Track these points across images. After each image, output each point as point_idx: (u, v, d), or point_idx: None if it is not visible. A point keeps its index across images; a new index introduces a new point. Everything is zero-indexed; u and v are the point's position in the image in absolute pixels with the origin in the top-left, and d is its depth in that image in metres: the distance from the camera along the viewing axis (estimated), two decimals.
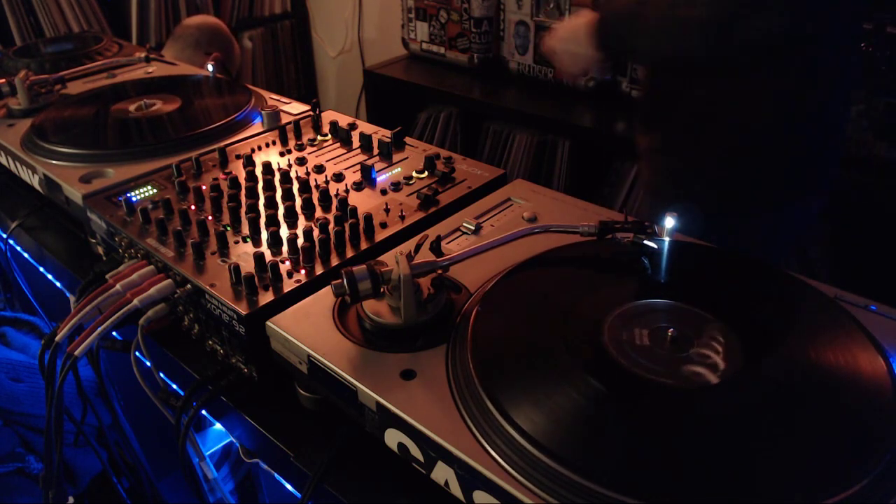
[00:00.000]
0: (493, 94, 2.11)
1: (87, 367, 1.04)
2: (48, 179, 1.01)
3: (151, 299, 0.79)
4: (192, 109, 1.18)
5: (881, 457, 0.49)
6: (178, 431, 0.77)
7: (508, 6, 2.04)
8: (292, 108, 1.20)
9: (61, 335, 0.80)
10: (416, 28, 2.29)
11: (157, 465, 1.25)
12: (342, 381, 0.62)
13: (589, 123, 1.88)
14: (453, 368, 0.61)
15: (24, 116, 1.20)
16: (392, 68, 2.33)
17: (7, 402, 1.23)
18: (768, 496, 0.48)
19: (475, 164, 0.98)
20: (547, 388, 0.56)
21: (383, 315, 0.66)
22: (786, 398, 0.55)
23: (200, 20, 2.14)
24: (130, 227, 0.86)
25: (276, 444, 0.71)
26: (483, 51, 2.16)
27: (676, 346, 0.60)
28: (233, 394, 0.76)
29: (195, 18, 2.15)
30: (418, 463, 0.58)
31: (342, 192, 0.92)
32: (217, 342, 0.78)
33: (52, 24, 2.47)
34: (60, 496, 0.86)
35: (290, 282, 0.75)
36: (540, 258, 0.74)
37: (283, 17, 3.12)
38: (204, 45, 2.02)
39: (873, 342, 0.60)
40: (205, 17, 2.25)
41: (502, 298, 0.68)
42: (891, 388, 0.55)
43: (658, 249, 0.71)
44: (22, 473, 1.23)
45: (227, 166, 1.01)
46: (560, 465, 0.50)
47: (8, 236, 1.15)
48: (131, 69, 1.45)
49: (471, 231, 0.82)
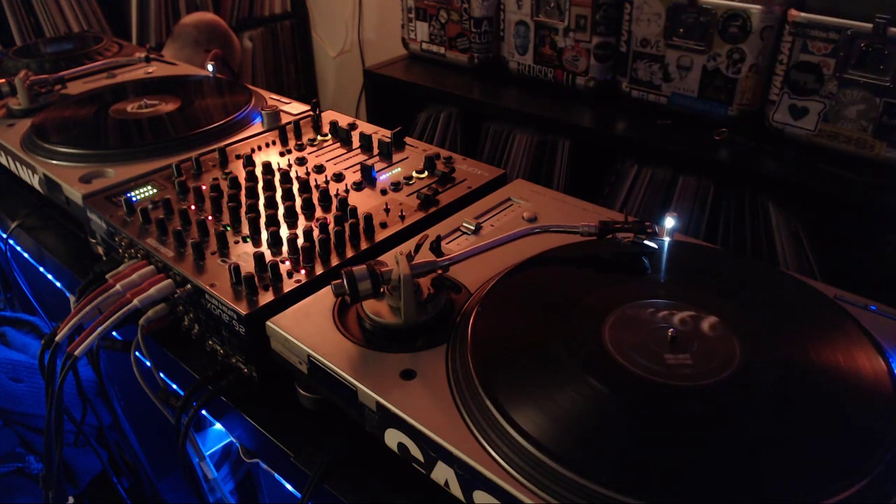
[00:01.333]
0: (493, 94, 2.10)
1: (87, 367, 1.04)
2: (48, 179, 1.01)
3: (151, 299, 0.79)
4: (192, 109, 1.18)
5: (881, 457, 0.49)
6: (178, 431, 0.77)
7: (508, 6, 2.04)
8: (292, 108, 1.20)
9: (61, 335, 0.80)
10: (416, 28, 2.29)
11: (157, 465, 1.25)
12: (342, 381, 0.62)
13: (589, 123, 1.88)
14: (453, 368, 0.61)
15: (24, 116, 1.20)
16: (392, 68, 2.33)
17: (7, 402, 1.23)
18: (768, 496, 0.48)
19: (475, 164, 0.98)
20: (547, 388, 0.56)
21: (383, 315, 0.66)
22: (786, 398, 0.55)
23: (197, 18, 2.12)
24: (130, 227, 0.86)
25: (276, 444, 0.71)
26: (483, 51, 2.16)
27: (676, 346, 0.60)
28: (233, 394, 0.76)
29: (192, 17, 2.14)
30: (418, 463, 0.58)
31: (342, 192, 0.92)
32: (217, 342, 0.78)
33: (52, 24, 2.47)
34: (60, 496, 0.86)
35: (290, 282, 0.75)
36: (540, 258, 0.74)
37: (283, 17, 3.12)
38: (203, 43, 2.01)
39: (873, 342, 0.60)
40: (201, 14, 2.22)
41: (502, 298, 0.68)
42: (891, 388, 0.55)
43: (658, 249, 0.71)
44: (22, 473, 1.23)
45: (227, 166, 1.01)
46: (560, 465, 0.50)
47: (8, 236, 1.15)
48: (131, 69, 1.45)
49: (471, 231, 0.82)
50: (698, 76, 1.67)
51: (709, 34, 1.60)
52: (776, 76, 1.54)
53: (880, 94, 1.35)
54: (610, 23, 1.84)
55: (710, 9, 1.58)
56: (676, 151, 1.69)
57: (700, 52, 1.64)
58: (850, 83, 1.38)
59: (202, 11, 2.45)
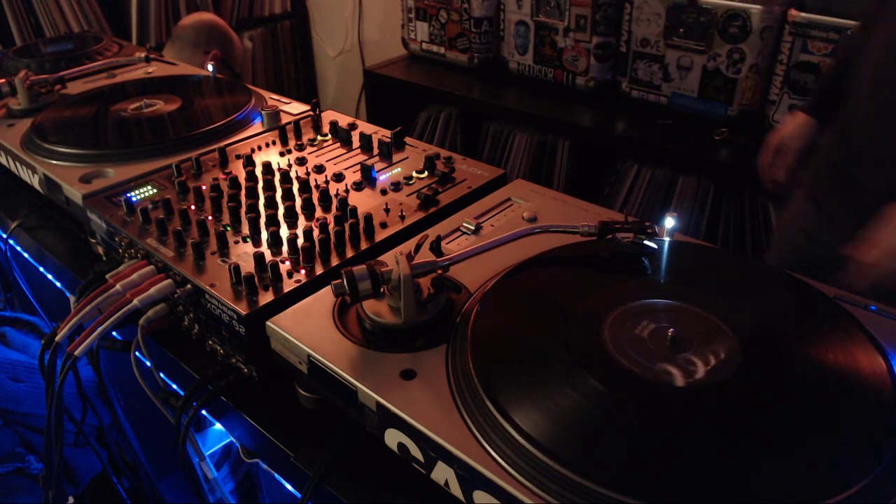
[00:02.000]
0: (493, 94, 2.11)
1: (87, 367, 1.04)
2: (48, 179, 1.01)
3: (151, 299, 0.79)
4: (192, 109, 1.18)
5: (881, 457, 0.49)
6: (178, 431, 0.77)
7: (508, 6, 2.04)
8: (292, 108, 1.20)
9: (61, 335, 0.80)
10: (416, 28, 2.29)
11: (157, 465, 1.25)
12: (342, 381, 0.62)
13: (589, 123, 1.88)
14: (453, 368, 0.61)
15: (24, 116, 1.20)
16: (392, 68, 2.33)
17: (7, 402, 1.23)
18: (768, 496, 0.48)
19: (475, 164, 0.98)
20: (547, 387, 0.56)
21: (383, 315, 0.66)
22: (786, 398, 0.55)
23: (195, 19, 2.10)
24: (130, 227, 0.86)
25: (276, 444, 0.71)
26: (483, 51, 2.16)
27: (676, 346, 0.60)
28: (233, 394, 0.76)
29: (190, 18, 2.12)
30: (418, 463, 0.58)
31: (342, 192, 0.92)
32: (217, 342, 0.78)
33: (52, 24, 2.47)
34: (60, 496, 0.86)
35: (290, 282, 0.75)
36: (540, 258, 0.74)
37: (283, 17, 3.12)
38: (202, 45, 2.00)
39: (873, 342, 0.60)
40: (199, 14, 2.19)
41: (502, 298, 0.68)
42: (891, 388, 0.55)
43: (658, 249, 0.71)
44: (22, 473, 1.23)
45: (227, 166, 1.01)
46: (560, 465, 0.50)
47: (8, 236, 1.15)
48: (131, 69, 1.45)
49: (471, 231, 0.82)
50: (698, 76, 1.67)
51: (709, 34, 1.61)
52: (776, 76, 1.54)
53: None
54: (610, 23, 1.84)
55: (710, 9, 1.58)
56: (676, 151, 1.69)
57: (700, 52, 1.64)
58: None
59: (200, 12, 2.43)
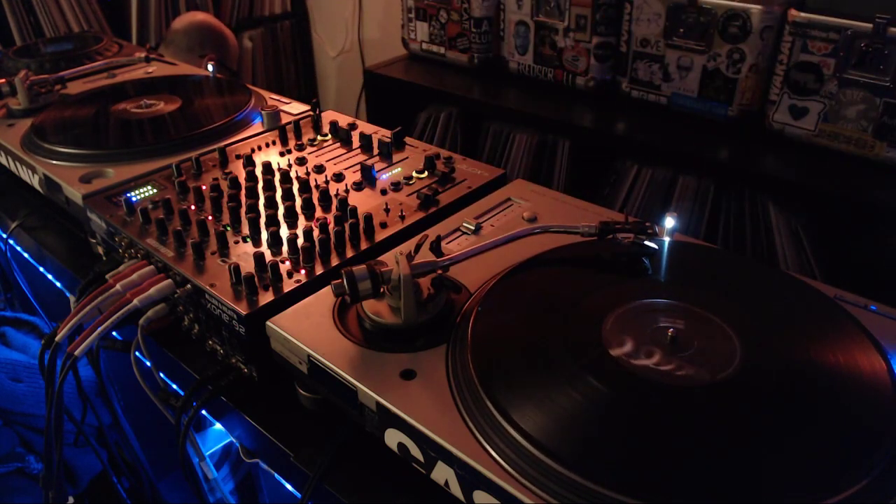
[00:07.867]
0: (493, 94, 2.11)
1: (87, 367, 1.05)
2: (48, 179, 1.01)
3: (151, 299, 0.79)
4: (192, 109, 1.18)
5: (881, 457, 0.49)
6: (178, 431, 0.77)
7: (508, 6, 2.04)
8: (292, 108, 1.20)
9: (61, 335, 0.80)
10: (416, 28, 2.29)
11: (157, 465, 1.25)
12: (342, 382, 0.62)
13: (589, 123, 1.88)
14: (453, 368, 0.61)
15: (24, 116, 1.20)
16: (392, 68, 2.33)
17: (7, 402, 1.23)
18: (768, 496, 0.48)
19: (475, 164, 0.98)
20: (547, 387, 0.56)
21: (383, 315, 0.66)
22: (785, 398, 0.55)
23: (187, 22, 2.05)
24: (130, 227, 0.86)
25: (276, 444, 0.71)
26: (483, 51, 2.16)
27: (676, 346, 0.60)
28: (233, 394, 0.76)
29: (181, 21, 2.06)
30: (418, 463, 0.58)
31: (342, 192, 0.92)
32: (217, 342, 0.78)
33: (52, 24, 2.47)
34: (60, 496, 0.86)
35: (290, 282, 0.75)
36: (540, 258, 0.74)
37: (283, 17, 3.12)
38: (196, 49, 1.98)
39: (873, 342, 0.60)
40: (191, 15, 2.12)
41: (502, 298, 0.68)
42: (891, 388, 0.55)
43: (658, 250, 0.71)
44: (22, 473, 1.23)
45: (227, 166, 1.01)
46: (560, 465, 0.50)
47: (8, 236, 1.15)
48: (131, 69, 1.45)
49: (471, 231, 0.82)
50: (698, 76, 1.67)
51: (709, 34, 1.61)
52: (776, 76, 1.54)
53: (880, 94, 1.35)
54: (610, 23, 1.84)
55: (710, 9, 1.58)
56: (676, 151, 1.69)
57: (700, 52, 1.64)
58: (850, 83, 1.38)
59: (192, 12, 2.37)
